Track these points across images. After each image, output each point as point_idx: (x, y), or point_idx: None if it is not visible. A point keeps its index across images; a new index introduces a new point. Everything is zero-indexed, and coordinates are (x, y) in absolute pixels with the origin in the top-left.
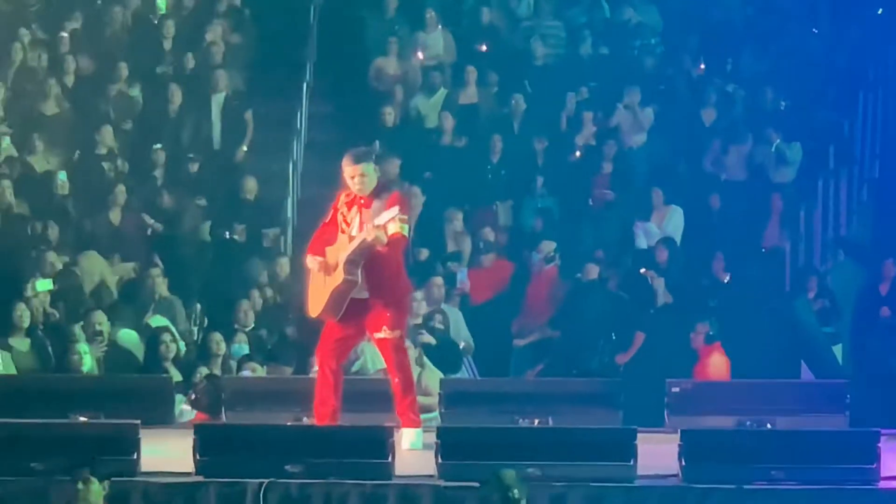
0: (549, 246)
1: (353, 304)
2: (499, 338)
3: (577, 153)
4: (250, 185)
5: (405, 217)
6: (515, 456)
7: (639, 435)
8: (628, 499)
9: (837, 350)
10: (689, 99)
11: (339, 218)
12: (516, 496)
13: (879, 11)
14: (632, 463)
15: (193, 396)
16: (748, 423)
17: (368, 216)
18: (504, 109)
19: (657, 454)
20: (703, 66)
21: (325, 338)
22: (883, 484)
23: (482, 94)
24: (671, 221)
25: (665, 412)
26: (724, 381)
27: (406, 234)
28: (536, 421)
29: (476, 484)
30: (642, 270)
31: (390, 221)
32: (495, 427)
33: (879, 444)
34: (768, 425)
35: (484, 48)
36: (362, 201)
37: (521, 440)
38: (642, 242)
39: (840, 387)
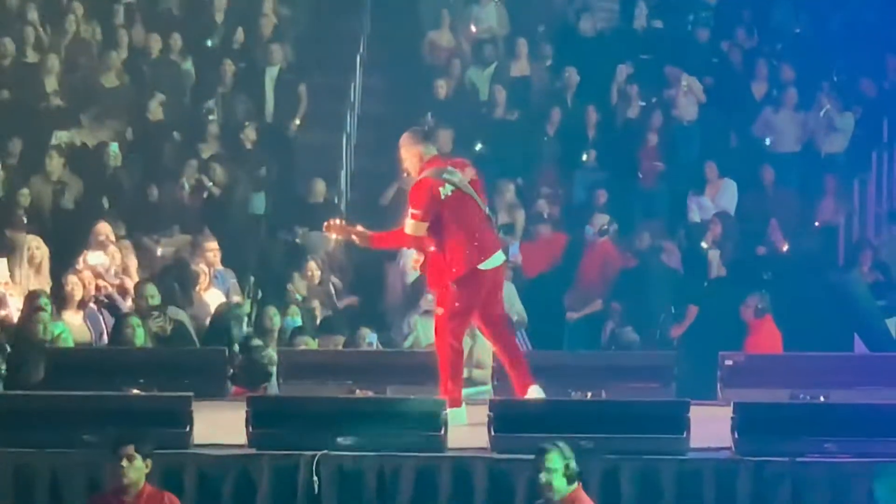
0: (602, 219)
1: None
2: (553, 311)
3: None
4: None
5: (415, 212)
6: (568, 429)
7: (692, 408)
8: (681, 471)
9: (892, 323)
10: (742, 72)
11: None
12: (573, 469)
13: None
14: (684, 436)
15: (231, 371)
16: (801, 395)
17: None
18: (557, 83)
19: (710, 427)
20: (756, 38)
21: None
22: None
23: (534, 68)
24: (725, 195)
25: (718, 385)
26: (777, 355)
27: (410, 230)
28: (589, 394)
29: (530, 457)
30: (703, 245)
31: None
32: (547, 400)
33: None
34: (822, 398)
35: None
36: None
37: (574, 413)
38: (696, 216)
39: (894, 359)
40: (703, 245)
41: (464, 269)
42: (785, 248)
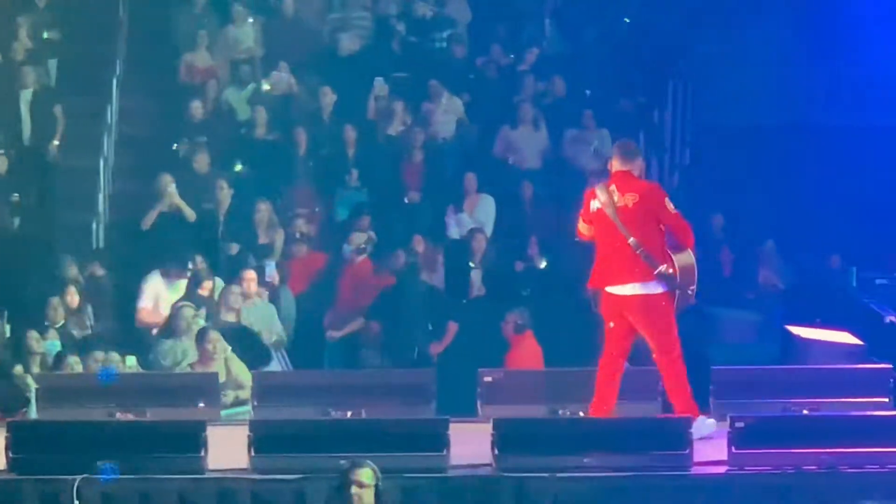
0: (359, 237)
1: None
2: (313, 330)
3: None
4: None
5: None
6: (329, 448)
7: (452, 425)
8: (442, 489)
9: None
10: (499, 87)
11: None
12: (381, 489)
13: None
14: (444, 453)
15: None
16: (561, 411)
17: None
18: (314, 102)
19: (471, 444)
20: (511, 55)
21: None
22: (695, 470)
23: (293, 87)
24: (482, 210)
25: (477, 402)
26: (536, 370)
27: None
28: (349, 413)
29: (291, 477)
30: (471, 264)
31: None
32: (308, 419)
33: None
34: (581, 413)
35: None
36: None
37: (335, 432)
38: (454, 232)
39: (652, 374)
40: (472, 265)
41: None
42: (543, 263)
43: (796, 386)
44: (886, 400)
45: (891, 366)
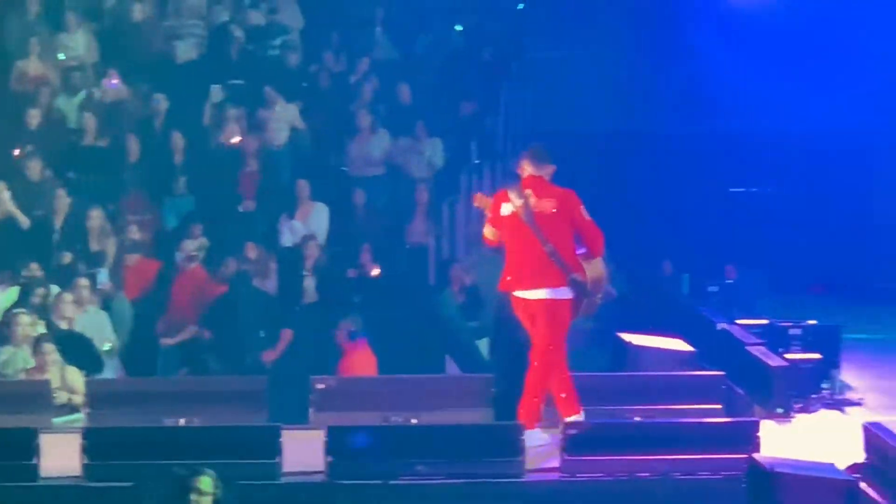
0: (191, 244)
1: None
2: (147, 337)
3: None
4: None
5: None
6: (162, 455)
7: (285, 432)
8: (276, 496)
9: (483, 344)
10: (333, 94)
11: None
12: (219, 498)
13: (520, 6)
14: (277, 460)
15: None
16: (393, 418)
17: None
18: (147, 110)
19: (304, 451)
20: (344, 63)
21: None
22: (528, 476)
23: (125, 94)
24: (315, 218)
25: (310, 409)
26: (368, 377)
27: None
28: (182, 420)
29: (125, 484)
30: (304, 273)
31: None
32: (141, 427)
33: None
34: (413, 420)
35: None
36: None
37: (168, 439)
38: (287, 239)
39: (485, 381)
40: (304, 273)
41: None
42: (376, 271)
43: (629, 393)
44: (719, 406)
45: (723, 373)
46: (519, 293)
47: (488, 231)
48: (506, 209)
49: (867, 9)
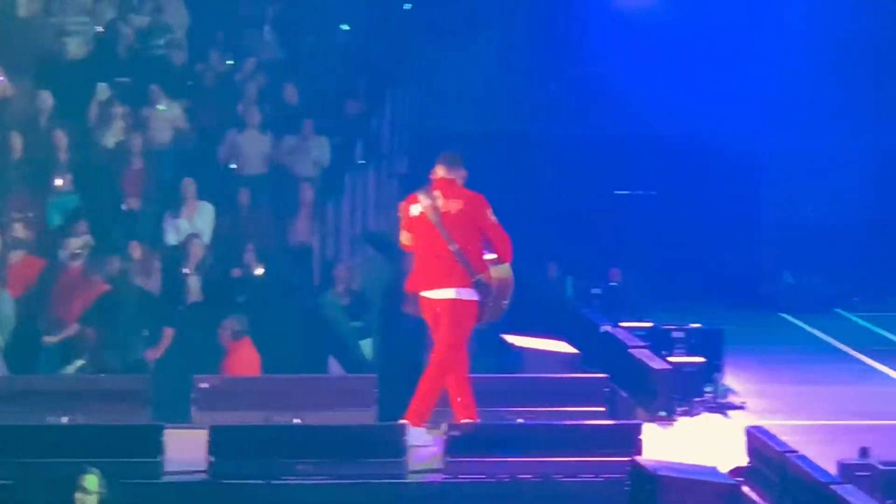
0: (75, 243)
1: None
2: (30, 335)
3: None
4: None
5: None
6: (44, 453)
7: (168, 431)
8: (158, 495)
9: (367, 344)
10: (218, 93)
11: None
12: (106, 498)
13: (407, 6)
14: (159, 459)
15: None
16: (276, 417)
17: None
18: (31, 107)
19: (186, 450)
20: (230, 62)
21: None
22: (410, 478)
23: (11, 91)
24: (201, 217)
25: (192, 408)
26: (252, 377)
27: None
28: (65, 418)
29: (5, 482)
30: (186, 271)
31: None
32: (23, 425)
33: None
34: (296, 420)
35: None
36: None
37: (50, 437)
38: (172, 238)
39: (368, 381)
40: (186, 271)
41: None
42: (260, 270)
43: (512, 395)
44: (602, 409)
45: (606, 375)
46: (425, 293)
47: (403, 236)
48: (414, 210)
49: (754, 16)
